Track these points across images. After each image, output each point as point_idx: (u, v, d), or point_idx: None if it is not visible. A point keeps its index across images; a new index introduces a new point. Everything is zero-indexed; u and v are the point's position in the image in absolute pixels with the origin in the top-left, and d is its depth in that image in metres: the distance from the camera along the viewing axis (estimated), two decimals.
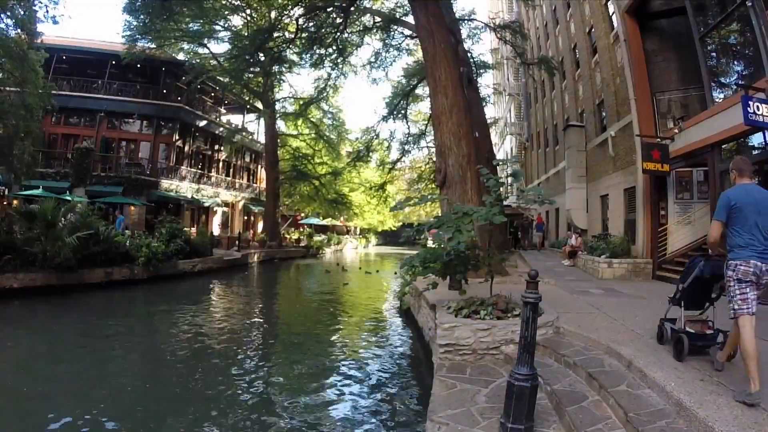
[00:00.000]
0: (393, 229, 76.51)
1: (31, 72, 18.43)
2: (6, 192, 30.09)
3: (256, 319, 15.47)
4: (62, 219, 18.17)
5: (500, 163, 13.92)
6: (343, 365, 9.82)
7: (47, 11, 19.62)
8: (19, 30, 19.09)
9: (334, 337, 12.71)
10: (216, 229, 40.85)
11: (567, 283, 12.93)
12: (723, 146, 12.44)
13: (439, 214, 13.00)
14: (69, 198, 24.01)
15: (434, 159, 28.18)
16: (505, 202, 29.98)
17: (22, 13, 18.56)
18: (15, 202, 27.81)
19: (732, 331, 4.79)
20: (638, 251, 16.43)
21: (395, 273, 26.93)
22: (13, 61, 17.75)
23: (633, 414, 4.32)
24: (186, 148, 39.02)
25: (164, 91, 36.81)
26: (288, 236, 46.72)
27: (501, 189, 8.61)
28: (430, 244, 13.14)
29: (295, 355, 10.85)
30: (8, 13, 18.43)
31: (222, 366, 9.85)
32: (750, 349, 4.25)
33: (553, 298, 9.64)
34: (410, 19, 20.70)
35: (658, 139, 15.38)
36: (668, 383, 4.63)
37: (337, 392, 8.21)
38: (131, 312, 16.19)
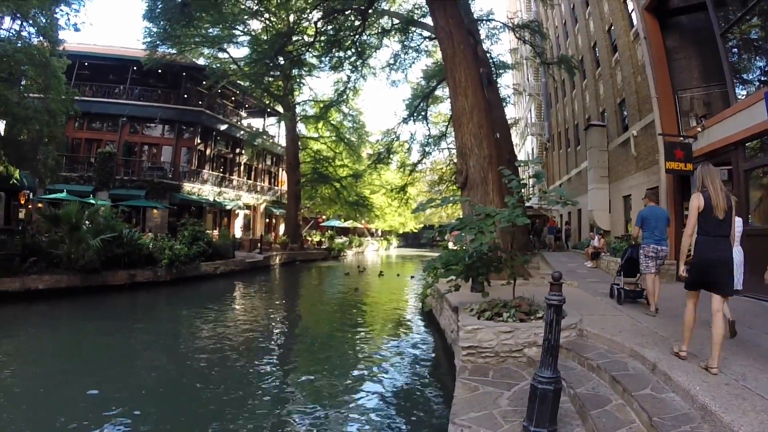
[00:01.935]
0: (414, 231, 76.43)
1: (54, 78, 18.74)
2: (31, 195, 30.59)
3: (278, 321, 15.57)
4: (86, 222, 18.47)
5: (522, 164, 13.80)
6: (364, 367, 9.84)
7: (68, 19, 19.93)
8: (41, 37, 19.45)
9: (354, 339, 12.73)
10: (238, 232, 41.17)
11: (590, 285, 12.81)
12: (747, 144, 12.18)
13: (461, 216, 12.94)
14: (93, 201, 24.44)
15: (455, 160, 28.12)
16: (526, 204, 29.85)
17: (44, 21, 18.91)
18: (40, 205, 28.38)
19: (648, 286, 8.81)
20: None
21: (411, 277, 26.87)
22: (36, 68, 18.08)
23: (657, 418, 4.26)
24: (208, 152, 39.38)
25: (185, 95, 37.21)
26: (309, 239, 46.86)
27: (523, 190, 8.54)
28: (451, 246, 13.11)
29: (316, 357, 10.91)
30: (30, 21, 18.83)
31: (242, 368, 9.92)
32: (650, 289, 8.66)
33: (575, 300, 9.55)
34: (429, 20, 20.62)
35: (681, 138, 15.13)
36: (693, 387, 4.55)
37: (358, 394, 8.22)
38: (154, 313, 16.50)
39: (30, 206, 30.47)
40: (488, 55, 26.39)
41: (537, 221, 32.84)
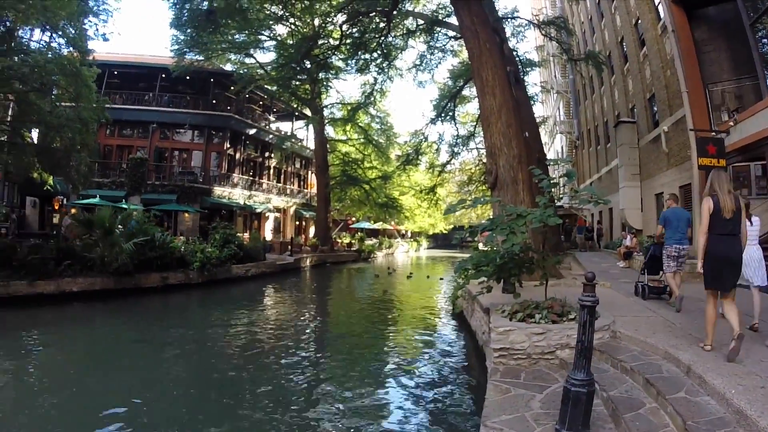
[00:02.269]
0: (444, 232, 76.07)
1: (85, 87, 19.22)
2: (65, 201, 31.41)
3: (308, 322, 15.69)
4: (119, 226, 18.89)
5: (552, 162, 13.69)
6: (395, 369, 9.84)
7: (97, 29, 20.55)
8: (71, 48, 20.01)
9: (385, 341, 12.76)
10: (268, 235, 41.53)
11: (622, 285, 12.57)
12: None
13: (491, 216, 12.85)
14: (125, 206, 24.97)
15: (484, 160, 27.93)
16: (556, 203, 29.50)
17: (73, 32, 19.43)
18: (73, 210, 29.07)
19: (669, 282, 9.26)
20: (696, 252, 15.85)
21: (440, 279, 26.75)
22: (66, 78, 18.54)
23: (692, 422, 4.16)
24: (237, 156, 39.87)
25: (214, 101, 37.83)
26: (339, 240, 47.00)
27: (553, 190, 8.46)
28: (481, 246, 13.05)
29: (346, 359, 10.95)
30: (60, 33, 19.37)
31: (273, 367, 10.05)
32: (674, 286, 8.99)
33: (608, 301, 9.41)
34: (453, 20, 20.58)
35: (713, 133, 14.81)
36: (728, 390, 4.43)
37: (389, 396, 8.24)
38: (186, 314, 16.84)
39: (64, 211, 31.26)
40: (514, 53, 26.14)
41: (566, 221, 32.44)
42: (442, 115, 32.79)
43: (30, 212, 32.05)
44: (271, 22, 33.77)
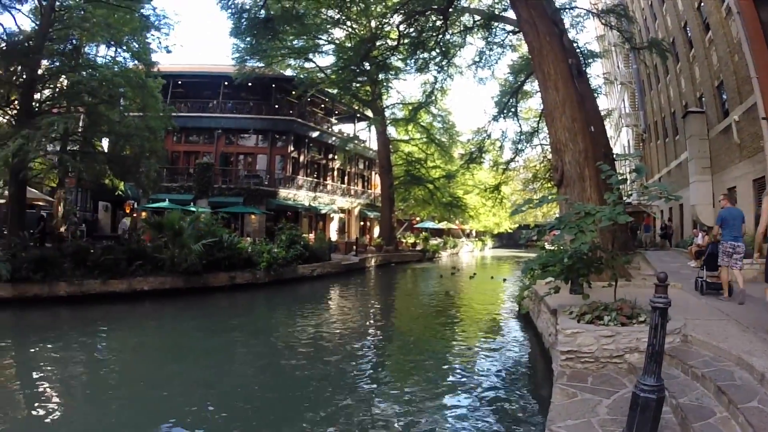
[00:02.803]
0: (509, 231, 74.98)
1: (151, 98, 20.31)
2: (135, 205, 32.84)
3: (372, 322, 15.82)
4: (189, 228, 19.59)
5: (620, 157, 13.24)
6: (459, 370, 9.74)
7: (160, 42, 21.69)
8: (136, 61, 21.18)
9: (449, 341, 12.67)
10: (333, 235, 42.09)
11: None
12: None
13: (556, 215, 12.55)
14: (193, 209, 25.91)
15: (548, 157, 27.26)
16: (625, 200, 28.44)
17: (136, 46, 20.57)
18: (144, 214, 30.39)
19: (722, 276, 9.76)
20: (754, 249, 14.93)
21: (504, 280, 26.31)
22: (133, 90, 19.64)
23: None
24: (301, 159, 40.62)
25: (276, 105, 38.80)
26: (404, 240, 47.07)
27: (622, 186, 8.12)
28: (548, 246, 12.76)
29: (409, 358, 10.97)
30: (124, 47, 20.47)
31: (336, 365, 10.19)
32: (724, 279, 9.64)
33: (679, 303, 8.93)
34: (510, 14, 20.16)
35: None
36: None
37: (452, 396, 8.16)
38: (253, 313, 17.35)
39: (135, 215, 32.73)
40: (575, 44, 25.38)
41: (633, 219, 31.13)
42: (504, 111, 32.24)
43: (102, 216, 33.84)
44: (328, 27, 34.33)
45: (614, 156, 15.83)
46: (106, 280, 16.72)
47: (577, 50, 25.67)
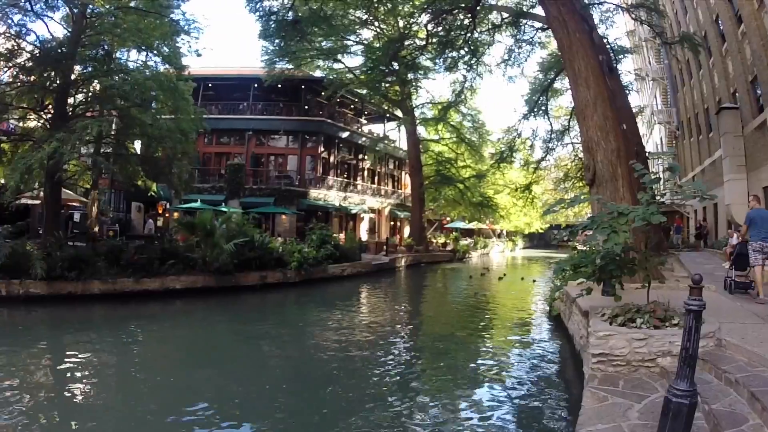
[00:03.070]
0: (540, 231, 74.18)
1: (182, 101, 20.70)
2: (168, 206, 33.45)
3: (402, 322, 15.83)
4: (221, 227, 19.90)
5: (653, 156, 12.99)
6: (488, 371, 9.66)
7: (190, 46, 21.94)
8: (166, 65, 21.50)
9: (478, 342, 12.63)
10: (363, 235, 42.21)
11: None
12: None
13: (588, 215, 12.38)
14: (225, 209, 26.28)
15: (580, 156, 26.84)
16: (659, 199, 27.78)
17: (167, 50, 20.85)
18: (176, 214, 30.91)
19: (756, 277, 9.54)
20: None
21: (534, 281, 26.04)
22: (165, 93, 19.99)
23: None
24: (331, 159, 40.87)
25: (306, 107, 39.08)
26: (434, 240, 46.94)
27: (655, 186, 7.95)
28: (580, 247, 12.58)
29: (437, 358, 10.93)
30: (155, 52, 20.79)
31: (365, 364, 10.27)
32: (758, 278, 9.38)
33: (713, 306, 8.69)
34: (539, 10, 19.94)
35: None
36: None
37: (480, 397, 8.11)
38: (283, 312, 17.58)
39: (167, 215, 33.38)
40: (605, 40, 24.96)
41: (666, 219, 30.32)
42: (535, 109, 31.92)
43: (135, 216, 34.49)
44: (356, 27, 34.50)
45: (647, 154, 15.49)
46: (139, 278, 17.08)
47: (608, 46, 25.24)
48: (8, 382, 8.15)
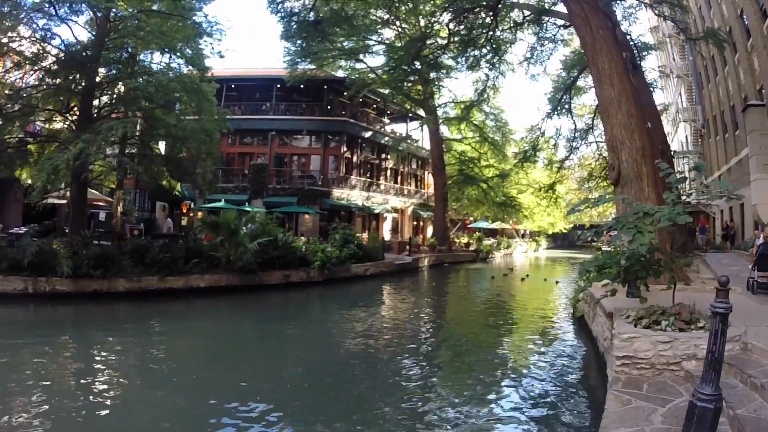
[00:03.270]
0: (564, 231, 73.43)
1: (206, 102, 20.96)
2: (192, 205, 33.82)
3: (423, 322, 15.83)
4: (245, 227, 20.12)
5: (678, 155, 12.74)
6: (510, 372, 9.63)
7: (212, 48, 22.43)
8: (190, 67, 21.86)
9: (500, 343, 12.57)
10: (386, 235, 42.14)
11: (755, 291, 11.50)
12: None
13: (613, 215, 12.21)
14: (248, 209, 26.51)
15: (603, 155, 26.47)
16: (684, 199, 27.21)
17: (190, 52, 21.20)
18: (200, 213, 31.26)
19: None
20: None
21: (557, 282, 25.75)
22: (188, 94, 20.29)
23: None
24: (354, 159, 40.94)
25: (328, 107, 39.27)
26: (457, 240, 46.73)
27: (680, 185, 7.79)
28: (605, 247, 12.42)
29: (459, 359, 10.93)
30: (178, 54, 21.16)
31: (386, 363, 10.32)
32: None
33: (740, 308, 8.46)
34: (561, 8, 19.73)
35: None
36: None
37: (503, 400, 8.06)
38: (306, 311, 17.73)
39: (191, 215, 33.77)
40: (628, 37, 24.59)
41: (692, 219, 29.70)
42: (558, 108, 31.53)
43: (160, 215, 34.95)
44: (377, 27, 34.59)
45: (672, 153, 15.21)
46: (163, 276, 17.35)
47: (631, 43, 24.86)
48: (36, 377, 8.41)
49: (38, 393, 7.58)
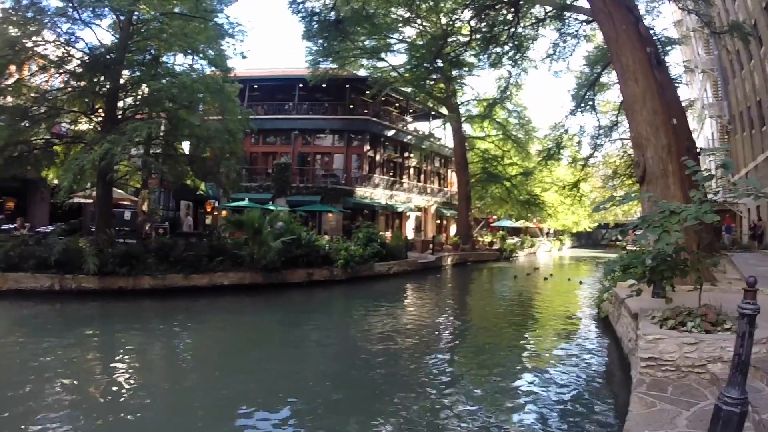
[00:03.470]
0: (588, 230, 72.64)
1: (229, 102, 21.21)
2: (216, 204, 34.18)
3: (445, 320, 15.86)
4: (269, 226, 20.27)
5: (705, 152, 12.54)
6: (532, 373, 9.55)
7: (235, 49, 22.42)
8: (212, 68, 22.05)
9: (523, 343, 12.48)
10: (410, 233, 42.22)
11: None
12: None
13: (638, 213, 12.05)
14: (272, 208, 26.72)
15: (628, 152, 26.10)
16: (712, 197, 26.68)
17: (212, 53, 21.39)
18: (224, 212, 31.59)
19: None
20: None
21: (580, 282, 25.45)
22: (211, 95, 20.61)
23: None
24: (377, 158, 41.08)
25: (351, 106, 39.61)
26: (481, 239, 46.54)
27: (707, 183, 7.65)
28: (630, 247, 12.29)
29: (480, 358, 10.88)
30: (201, 55, 21.39)
31: (407, 361, 10.35)
32: None
33: (766, 309, 8.41)
34: (583, 3, 19.47)
35: None
36: None
37: (525, 401, 7.99)
38: (329, 309, 17.77)
39: (215, 213, 34.15)
40: (651, 31, 24.15)
41: (719, 218, 29.08)
42: (582, 105, 31.06)
43: (184, 214, 35.30)
44: (398, 25, 34.51)
45: (698, 150, 14.94)
46: (188, 274, 17.63)
47: (655, 38, 24.40)
48: (62, 370, 8.65)
49: (64, 386, 7.82)
